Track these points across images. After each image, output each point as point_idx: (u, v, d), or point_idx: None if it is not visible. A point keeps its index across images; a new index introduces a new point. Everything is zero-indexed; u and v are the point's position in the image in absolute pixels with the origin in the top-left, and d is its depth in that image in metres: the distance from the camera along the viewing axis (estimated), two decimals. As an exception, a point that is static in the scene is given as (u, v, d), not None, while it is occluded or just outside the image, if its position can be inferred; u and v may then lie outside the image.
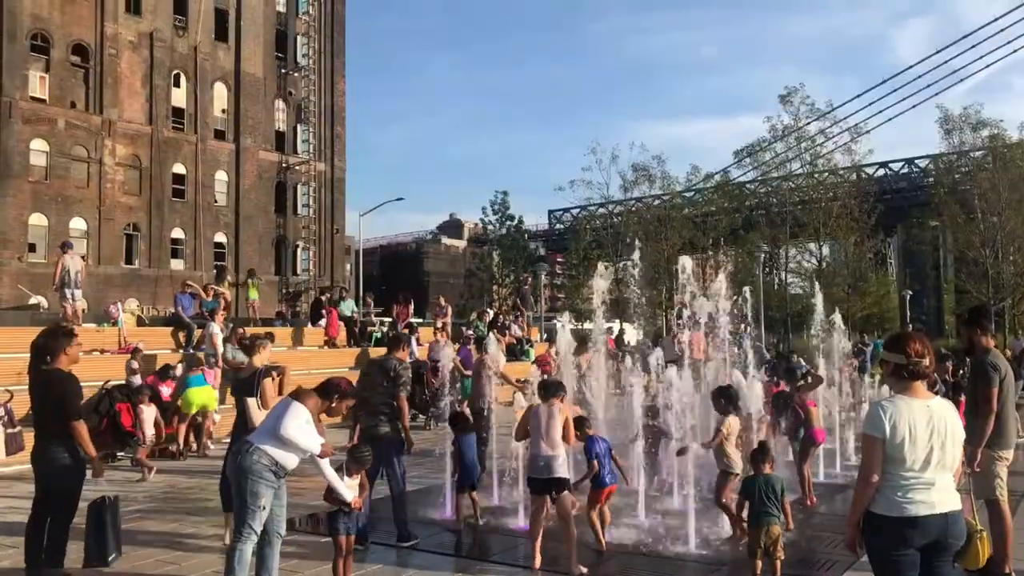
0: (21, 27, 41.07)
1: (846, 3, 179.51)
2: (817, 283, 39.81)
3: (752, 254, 51.95)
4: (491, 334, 18.41)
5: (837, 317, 15.37)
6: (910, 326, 43.52)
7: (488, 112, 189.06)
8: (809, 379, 10.86)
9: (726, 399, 8.33)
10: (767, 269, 54.55)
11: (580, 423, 7.91)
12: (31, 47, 41.81)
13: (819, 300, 16.91)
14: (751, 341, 17.58)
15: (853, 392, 15.86)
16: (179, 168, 47.70)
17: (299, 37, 54.32)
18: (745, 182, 62.57)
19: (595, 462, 7.67)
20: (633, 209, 59.28)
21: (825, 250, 55.25)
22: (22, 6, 41.08)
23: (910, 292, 51.90)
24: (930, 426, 3.95)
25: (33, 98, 41.88)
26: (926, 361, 4.06)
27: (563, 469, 7.18)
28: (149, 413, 12.90)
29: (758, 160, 59.93)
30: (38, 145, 41.79)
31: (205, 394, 13.85)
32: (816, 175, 56.56)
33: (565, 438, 7.27)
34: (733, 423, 8.15)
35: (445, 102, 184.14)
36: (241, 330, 16.57)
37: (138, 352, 15.04)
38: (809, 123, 54.87)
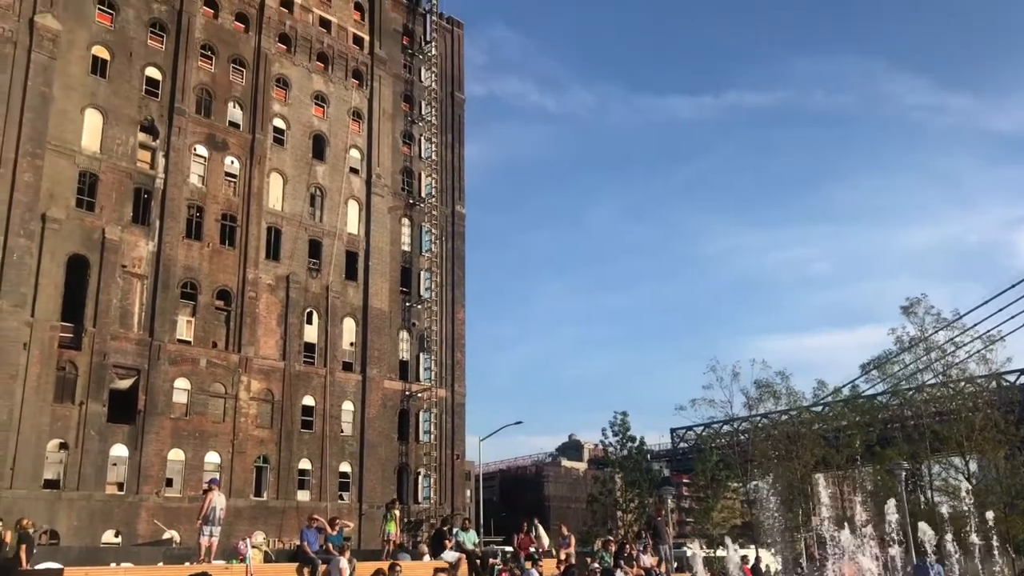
0: (174, 277, 45.05)
1: (956, 212, 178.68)
2: (971, 501, 36.91)
3: (892, 472, 48.93)
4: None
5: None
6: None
7: (601, 333, 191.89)
8: None
9: None
10: (909, 487, 51.08)
11: None
12: (181, 294, 45.60)
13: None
14: None
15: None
16: (308, 400, 49.67)
17: (423, 273, 57.59)
18: (875, 395, 60.18)
19: None
20: (760, 426, 57.52)
21: (973, 466, 51.54)
22: (176, 259, 45.30)
23: (1077, 509, 47.36)
24: None
25: (179, 340, 45.10)
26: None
27: None
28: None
29: (886, 372, 57.82)
30: (181, 384, 44.42)
31: None
32: (951, 385, 53.91)
33: None
34: None
35: (559, 324, 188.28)
36: (399, 566, 16.62)
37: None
38: (936, 332, 53.06)
